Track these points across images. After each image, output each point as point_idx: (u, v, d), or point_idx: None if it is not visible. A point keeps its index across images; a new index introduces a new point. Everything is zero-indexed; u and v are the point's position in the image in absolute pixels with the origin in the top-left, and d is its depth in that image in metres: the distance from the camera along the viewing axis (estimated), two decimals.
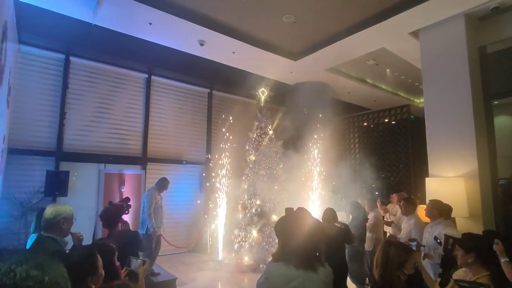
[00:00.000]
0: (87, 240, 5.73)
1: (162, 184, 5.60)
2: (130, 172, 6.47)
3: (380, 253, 1.73)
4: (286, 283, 1.61)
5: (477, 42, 5.28)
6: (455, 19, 5.13)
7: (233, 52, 6.37)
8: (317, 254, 1.69)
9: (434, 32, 5.39)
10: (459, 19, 5.11)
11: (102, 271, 1.64)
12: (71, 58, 6.55)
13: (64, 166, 6.22)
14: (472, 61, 5.05)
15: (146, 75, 7.56)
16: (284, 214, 2.86)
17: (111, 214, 3.17)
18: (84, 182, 6.42)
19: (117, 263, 2.03)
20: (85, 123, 6.63)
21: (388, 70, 7.54)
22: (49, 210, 2.31)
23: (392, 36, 5.80)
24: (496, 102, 5.54)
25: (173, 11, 5.05)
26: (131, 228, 4.06)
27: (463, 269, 2.20)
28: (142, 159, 7.27)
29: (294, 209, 3.05)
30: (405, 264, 1.64)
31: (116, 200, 6.08)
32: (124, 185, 6.19)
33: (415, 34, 5.70)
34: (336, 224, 3.88)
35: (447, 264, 1.91)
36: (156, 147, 7.59)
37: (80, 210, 6.06)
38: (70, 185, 5.96)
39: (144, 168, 7.20)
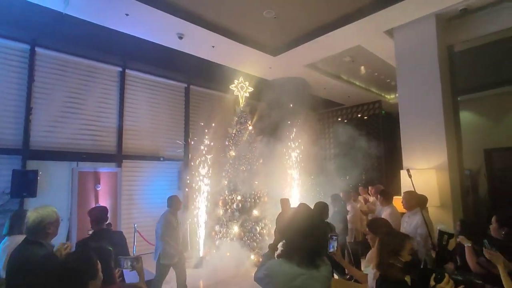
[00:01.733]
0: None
1: (174, 201, 4.74)
2: (105, 170, 6.19)
3: (376, 244, 1.78)
4: (288, 281, 1.59)
5: (446, 41, 5.60)
6: (427, 19, 5.40)
7: (213, 46, 6.27)
8: (319, 251, 1.69)
9: (408, 31, 5.64)
10: (430, 19, 5.38)
11: (101, 275, 1.58)
12: (37, 49, 6.12)
13: (32, 165, 5.83)
14: (441, 59, 5.36)
15: (120, 69, 7.24)
16: (276, 203, 2.89)
17: (99, 212, 3.12)
18: (55, 181, 6.06)
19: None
20: (54, 118, 6.24)
21: (362, 67, 7.79)
22: (32, 216, 2.14)
23: (369, 34, 5.99)
24: (458, 99, 5.93)
25: (151, 2, 4.86)
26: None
27: (373, 249, 2.46)
28: (117, 157, 6.98)
29: (284, 200, 3.09)
30: (400, 252, 1.66)
31: (92, 199, 5.84)
32: (99, 184, 5.92)
33: (389, 32, 5.93)
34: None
35: (442, 258, 2.00)
36: (132, 144, 7.32)
37: None
38: (39, 185, 5.62)
39: (120, 166, 6.93)
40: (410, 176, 3.34)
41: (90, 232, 3.30)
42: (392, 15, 5.40)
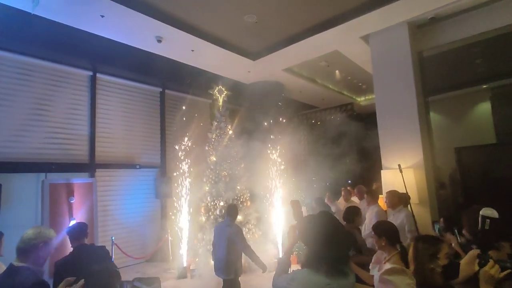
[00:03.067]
0: None
1: (236, 210, 4.20)
2: (79, 181, 5.78)
3: (410, 250, 1.77)
4: None
5: (416, 47, 5.95)
6: (400, 26, 5.72)
7: (192, 50, 6.13)
8: (346, 259, 1.66)
9: (382, 37, 5.92)
10: (403, 26, 5.70)
11: None
12: None
13: None
14: (414, 63, 5.69)
15: (91, 73, 6.82)
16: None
17: (80, 228, 2.99)
18: (21, 195, 5.54)
19: None
20: (18, 127, 5.72)
21: (337, 71, 8.04)
22: (30, 231, 2.04)
23: (345, 40, 6.20)
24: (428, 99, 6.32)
25: (130, 4, 4.64)
26: None
27: (380, 251, 2.54)
28: (90, 166, 6.56)
29: (294, 202, 3.05)
30: (436, 255, 1.64)
31: (66, 213, 5.44)
32: (73, 196, 5.51)
33: (365, 38, 6.18)
34: None
35: (485, 244, 2.01)
36: (106, 152, 6.92)
37: (18, 227, 5.22)
38: (3, 199, 5.13)
39: (93, 175, 6.51)
40: (401, 171, 3.50)
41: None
42: (368, 22, 5.64)
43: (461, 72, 6.37)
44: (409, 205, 4.39)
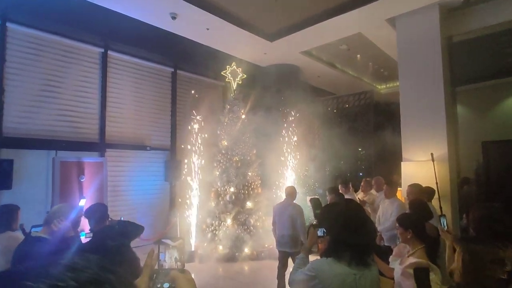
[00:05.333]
0: None
1: (294, 191, 4.57)
2: (90, 160, 5.71)
3: (463, 255, 1.52)
4: (340, 282, 1.47)
5: (446, 32, 5.53)
6: (430, 8, 5.29)
7: (207, 29, 5.86)
8: (369, 249, 1.60)
9: (410, 20, 5.51)
10: (434, 8, 5.27)
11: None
12: (8, 25, 5.44)
13: (5, 153, 5.26)
14: (443, 50, 5.29)
15: (102, 50, 6.64)
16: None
17: (101, 209, 2.79)
18: (32, 172, 5.52)
19: None
20: (29, 103, 5.64)
21: (358, 55, 7.64)
22: (57, 206, 2.41)
23: (370, 22, 5.82)
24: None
25: None
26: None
27: (402, 244, 2.44)
28: (99, 145, 6.48)
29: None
30: (503, 261, 1.41)
31: (76, 192, 5.39)
32: (83, 175, 5.44)
33: (390, 21, 5.78)
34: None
35: None
36: (116, 132, 6.82)
37: (28, 203, 5.22)
38: (15, 175, 5.09)
39: (103, 155, 6.44)
40: (433, 160, 3.26)
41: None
42: (395, 3, 5.24)
43: (491, 61, 5.94)
44: (438, 201, 4.14)
